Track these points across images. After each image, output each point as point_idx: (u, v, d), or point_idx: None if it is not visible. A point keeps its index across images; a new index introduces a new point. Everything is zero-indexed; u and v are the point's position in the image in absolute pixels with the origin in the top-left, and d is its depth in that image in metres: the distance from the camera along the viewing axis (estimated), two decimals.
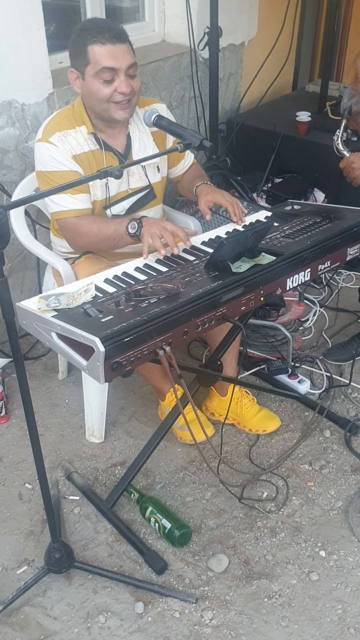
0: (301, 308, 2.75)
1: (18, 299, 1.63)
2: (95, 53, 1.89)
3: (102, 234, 2.00)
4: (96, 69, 1.90)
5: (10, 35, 2.36)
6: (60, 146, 1.99)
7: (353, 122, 2.47)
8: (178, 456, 2.33)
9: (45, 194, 1.61)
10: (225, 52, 3.55)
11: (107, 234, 1.99)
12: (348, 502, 2.14)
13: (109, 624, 1.80)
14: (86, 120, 2.03)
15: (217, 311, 1.67)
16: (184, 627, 1.79)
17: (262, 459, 2.32)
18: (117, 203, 2.11)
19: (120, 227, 1.94)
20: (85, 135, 2.03)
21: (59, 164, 2.00)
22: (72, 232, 2.07)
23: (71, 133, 2.01)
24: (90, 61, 1.90)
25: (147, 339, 1.51)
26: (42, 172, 2.04)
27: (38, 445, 1.66)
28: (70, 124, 2.02)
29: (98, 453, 2.35)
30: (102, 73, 1.90)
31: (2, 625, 1.79)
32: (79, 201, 2.02)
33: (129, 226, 1.90)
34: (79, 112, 2.04)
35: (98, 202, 2.08)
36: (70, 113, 2.05)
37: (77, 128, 2.03)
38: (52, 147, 1.99)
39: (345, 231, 1.98)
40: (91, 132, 2.03)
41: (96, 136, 2.05)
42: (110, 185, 2.07)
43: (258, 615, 1.82)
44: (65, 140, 2.00)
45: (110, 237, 1.98)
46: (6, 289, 1.41)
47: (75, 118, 2.03)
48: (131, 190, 2.13)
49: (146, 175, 2.15)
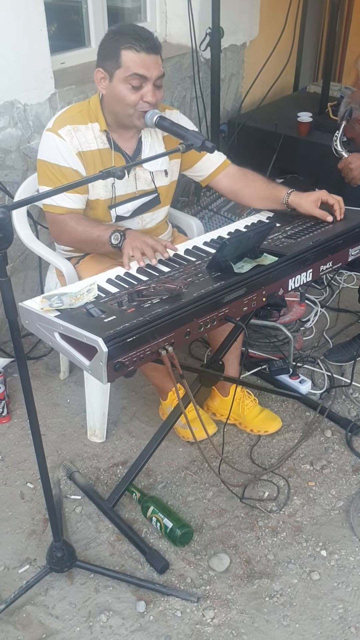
0: (302, 308, 2.75)
1: (20, 299, 1.63)
2: (129, 59, 1.90)
3: (86, 236, 2.01)
4: (127, 73, 1.91)
5: (13, 36, 2.36)
6: (67, 140, 1.99)
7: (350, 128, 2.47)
8: (179, 456, 2.34)
9: (47, 195, 1.61)
10: (227, 53, 3.56)
11: (90, 237, 2.00)
12: (349, 501, 2.15)
13: (111, 623, 1.80)
14: (100, 118, 2.03)
15: (220, 311, 1.67)
16: (185, 626, 1.80)
17: (264, 459, 2.33)
18: (122, 204, 2.11)
19: (104, 235, 1.95)
20: (96, 133, 2.03)
21: (61, 158, 2.00)
22: (57, 228, 2.08)
23: (82, 128, 2.02)
24: (121, 65, 1.91)
25: (150, 339, 1.52)
26: (43, 161, 2.04)
27: (40, 444, 1.67)
28: (83, 119, 2.03)
29: (100, 453, 2.35)
30: (131, 79, 1.91)
31: (4, 624, 1.80)
32: (71, 200, 2.03)
33: (112, 237, 1.91)
34: (94, 108, 2.04)
35: (102, 201, 2.08)
36: (84, 108, 2.05)
37: (90, 124, 2.03)
38: (59, 140, 1.99)
39: (347, 232, 1.99)
40: (104, 129, 2.04)
41: (108, 135, 2.05)
42: (116, 185, 2.07)
43: (259, 614, 1.83)
44: (75, 135, 2.00)
45: (93, 241, 2.00)
46: (9, 289, 1.41)
47: (89, 114, 2.04)
48: (138, 193, 2.14)
49: (153, 180, 2.15)
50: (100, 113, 2.04)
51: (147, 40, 1.91)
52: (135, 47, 1.89)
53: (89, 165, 2.03)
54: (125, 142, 2.10)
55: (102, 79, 1.98)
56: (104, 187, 2.06)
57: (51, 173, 2.02)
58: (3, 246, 1.36)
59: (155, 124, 1.95)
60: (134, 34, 1.91)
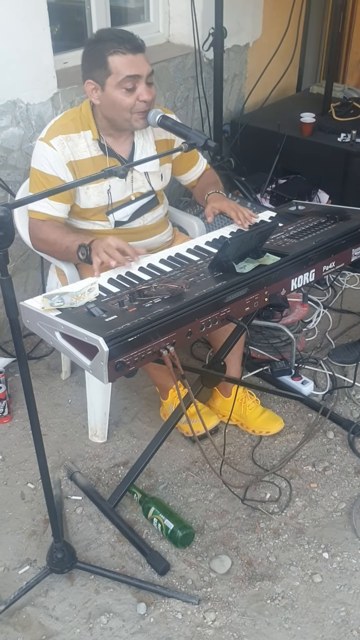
0: (305, 309, 2.74)
1: (22, 298, 1.63)
2: (117, 63, 1.89)
3: (57, 245, 2.01)
4: (118, 78, 1.90)
5: (16, 36, 2.36)
6: (58, 150, 2.00)
7: None
8: (181, 457, 2.33)
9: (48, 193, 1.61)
10: (230, 53, 3.55)
11: (61, 247, 2.00)
12: (351, 503, 2.14)
13: (111, 625, 1.79)
14: (92, 125, 2.03)
15: (221, 312, 1.66)
16: (186, 628, 1.79)
17: (265, 460, 2.32)
18: (120, 208, 2.11)
19: (72, 247, 1.94)
20: (89, 141, 2.04)
21: (49, 167, 2.01)
22: (33, 232, 2.09)
23: (74, 137, 2.02)
24: (111, 72, 1.90)
25: (151, 339, 1.51)
26: (33, 169, 2.06)
27: (41, 444, 1.66)
28: (75, 127, 2.03)
29: (101, 453, 2.35)
30: (124, 82, 1.91)
31: (4, 625, 1.79)
32: (52, 208, 2.03)
33: (79, 253, 1.90)
34: (86, 116, 2.04)
35: (99, 207, 2.08)
36: (77, 116, 2.05)
37: (82, 133, 2.03)
38: (49, 149, 2.00)
39: (349, 232, 1.98)
40: (96, 138, 2.04)
41: (100, 142, 2.05)
42: (112, 191, 2.07)
43: (261, 616, 1.81)
44: (66, 145, 2.00)
45: (64, 252, 2.00)
46: (10, 288, 1.41)
47: (82, 122, 2.04)
48: (135, 196, 2.13)
49: (149, 182, 2.15)
50: (92, 120, 2.04)
51: (130, 40, 1.91)
52: (120, 50, 1.89)
53: (81, 175, 2.03)
54: (120, 145, 2.10)
55: (94, 89, 1.97)
56: (99, 194, 2.06)
57: (38, 180, 2.04)
58: (4, 245, 1.35)
59: (158, 123, 1.95)
60: (115, 38, 1.91)
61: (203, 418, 1.88)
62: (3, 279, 1.39)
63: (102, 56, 1.90)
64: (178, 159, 2.27)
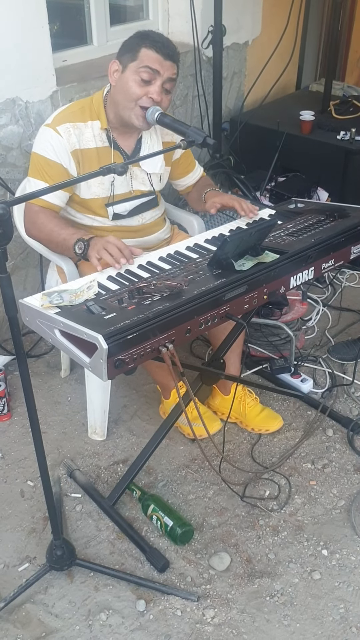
0: (304, 307, 2.74)
1: (21, 296, 1.63)
2: (145, 54, 1.94)
3: (52, 235, 2.00)
4: (140, 65, 1.93)
5: (15, 33, 2.36)
6: (64, 137, 1.99)
7: None
8: (180, 454, 2.33)
9: (48, 190, 1.61)
10: (229, 51, 3.55)
11: (57, 238, 1.98)
12: (350, 501, 2.14)
13: (111, 622, 1.80)
14: (102, 115, 2.04)
15: (220, 309, 1.66)
16: (185, 625, 1.79)
17: (265, 458, 2.32)
18: (119, 203, 2.11)
19: (69, 240, 1.93)
20: (95, 131, 2.04)
21: (52, 152, 2.00)
22: (29, 219, 2.06)
23: (81, 126, 2.02)
24: (136, 58, 1.94)
25: (150, 336, 1.51)
26: (35, 154, 2.05)
27: (40, 442, 1.66)
28: (83, 116, 2.03)
29: (100, 451, 2.35)
30: (143, 71, 1.93)
31: (4, 622, 1.79)
32: (53, 194, 2.01)
33: (76, 246, 1.89)
34: (96, 106, 2.05)
35: (99, 199, 2.08)
36: (86, 105, 2.06)
37: (90, 122, 2.03)
38: (55, 135, 1.99)
39: (349, 230, 1.98)
40: (105, 127, 2.04)
41: (108, 133, 2.05)
42: (115, 183, 2.07)
43: (260, 613, 1.82)
44: (73, 133, 2.00)
45: (59, 243, 1.98)
46: (9, 285, 1.41)
47: (90, 111, 2.04)
48: (134, 193, 2.14)
49: (150, 182, 2.16)
50: (102, 111, 2.04)
51: (168, 47, 1.96)
52: (155, 48, 1.94)
53: (84, 164, 2.03)
54: (125, 140, 2.10)
55: (116, 71, 1.99)
56: (101, 184, 2.06)
57: (40, 165, 2.03)
58: (3, 242, 1.35)
59: (157, 120, 1.95)
60: (159, 38, 1.97)
61: (205, 422, 1.88)
62: (2, 276, 1.39)
63: (137, 45, 1.95)
64: (176, 163, 2.28)
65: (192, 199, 2.43)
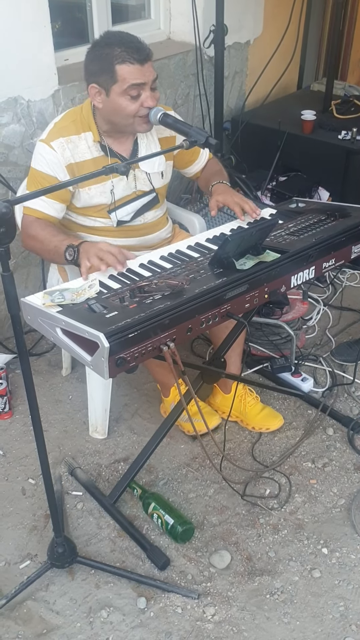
0: (305, 306, 2.75)
1: (22, 295, 1.63)
2: (124, 72, 1.89)
3: (44, 244, 1.99)
4: (124, 86, 1.90)
5: (17, 32, 2.36)
6: (59, 152, 2.00)
7: None
8: (181, 453, 2.34)
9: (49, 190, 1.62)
10: (231, 51, 3.55)
11: (48, 246, 1.97)
12: (351, 499, 2.15)
13: (111, 619, 1.80)
14: (93, 127, 2.04)
15: (221, 308, 1.67)
16: (186, 622, 1.80)
17: (265, 456, 2.32)
18: (122, 207, 2.12)
19: (60, 247, 1.91)
20: (89, 142, 2.04)
21: (48, 168, 2.02)
22: (24, 230, 2.07)
23: (74, 139, 2.02)
24: (117, 80, 1.90)
25: (151, 335, 1.52)
26: (32, 169, 2.07)
27: (42, 440, 1.67)
28: (76, 129, 2.03)
29: (101, 449, 2.36)
30: (130, 90, 1.91)
31: (5, 619, 1.80)
32: (48, 205, 2.02)
33: (67, 253, 1.87)
34: (86, 117, 2.05)
35: (101, 206, 2.09)
36: (77, 117, 2.05)
37: (83, 134, 2.04)
38: (49, 151, 2.00)
39: (349, 229, 1.99)
40: (97, 140, 2.04)
41: (102, 144, 2.06)
42: (115, 190, 2.08)
43: (260, 611, 1.83)
44: (67, 147, 2.01)
45: (51, 251, 1.97)
46: (11, 284, 1.42)
47: (82, 123, 2.04)
48: (137, 194, 2.14)
49: (150, 181, 2.16)
50: (92, 122, 2.04)
51: (139, 50, 1.91)
52: (128, 60, 1.89)
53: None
54: (121, 145, 2.10)
55: (97, 93, 1.97)
56: (102, 193, 2.07)
57: (37, 179, 2.04)
58: (5, 241, 1.36)
59: (160, 121, 1.95)
60: (124, 47, 1.89)
61: (205, 417, 1.89)
62: (4, 275, 1.40)
63: (109, 64, 1.89)
64: (180, 154, 2.27)
65: (201, 184, 2.42)
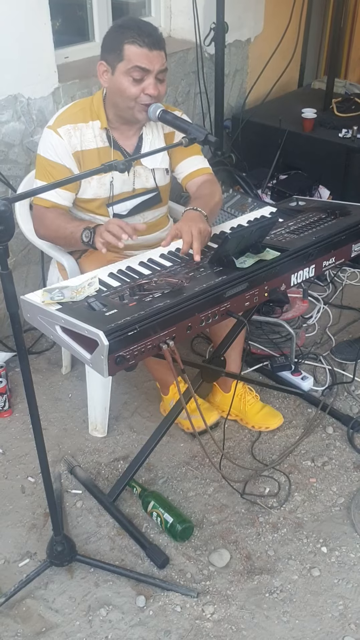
0: (305, 305, 2.74)
1: (22, 293, 1.63)
2: (131, 52, 1.90)
3: (60, 231, 2.01)
4: (128, 66, 1.91)
5: (17, 30, 2.36)
6: (65, 139, 2.01)
7: None
8: (180, 451, 2.34)
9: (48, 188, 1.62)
10: (231, 48, 3.54)
11: (65, 233, 1.99)
12: (350, 498, 2.14)
13: (110, 617, 1.80)
14: (102, 115, 2.04)
15: (221, 306, 1.67)
16: (185, 621, 1.80)
17: (265, 455, 2.32)
18: (120, 202, 2.12)
19: (76, 232, 1.93)
20: (96, 131, 2.04)
21: (54, 154, 2.02)
22: (38, 220, 2.09)
23: (82, 127, 2.03)
24: (123, 58, 1.91)
25: (151, 333, 1.51)
26: (40, 156, 2.07)
27: (41, 439, 1.67)
28: (84, 117, 2.04)
29: (101, 447, 2.35)
30: (133, 71, 1.91)
31: (4, 617, 1.80)
32: (58, 195, 2.03)
33: (83, 235, 1.90)
34: (96, 105, 2.05)
35: (99, 199, 2.09)
36: (87, 105, 2.06)
37: (91, 122, 2.04)
38: (56, 137, 2.01)
39: (350, 227, 1.98)
40: (104, 127, 2.04)
41: (108, 133, 2.05)
42: (115, 183, 2.08)
43: (259, 610, 1.82)
44: (74, 134, 2.01)
45: (67, 237, 1.99)
46: (10, 282, 1.41)
47: (91, 111, 2.05)
48: (136, 191, 2.13)
49: (154, 178, 2.15)
50: (102, 110, 2.04)
51: (151, 35, 1.92)
52: (138, 42, 1.90)
53: (86, 165, 2.03)
54: (126, 139, 2.10)
55: (105, 72, 1.98)
56: (101, 185, 2.06)
57: (44, 167, 2.05)
58: (4, 239, 1.36)
59: (159, 117, 1.95)
60: (138, 29, 1.91)
61: (203, 414, 1.89)
62: (3, 273, 1.40)
63: (119, 42, 1.91)
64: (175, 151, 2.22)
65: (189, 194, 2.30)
